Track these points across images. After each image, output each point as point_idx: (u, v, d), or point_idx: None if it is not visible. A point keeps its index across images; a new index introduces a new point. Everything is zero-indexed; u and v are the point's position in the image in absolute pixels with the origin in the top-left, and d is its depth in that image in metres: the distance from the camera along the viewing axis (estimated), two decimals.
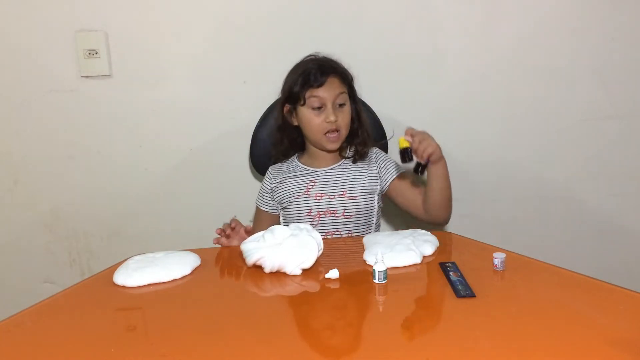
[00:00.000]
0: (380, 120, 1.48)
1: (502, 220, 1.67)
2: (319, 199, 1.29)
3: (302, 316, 0.82)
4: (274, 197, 1.35)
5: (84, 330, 0.79)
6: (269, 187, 1.37)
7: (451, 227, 1.28)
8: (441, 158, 1.14)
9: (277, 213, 1.37)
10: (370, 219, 1.32)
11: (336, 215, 1.28)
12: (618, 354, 0.64)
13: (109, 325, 0.82)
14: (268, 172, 1.39)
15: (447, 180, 1.18)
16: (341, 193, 1.28)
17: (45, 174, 1.59)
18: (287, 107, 1.31)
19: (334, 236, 1.27)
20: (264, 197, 1.38)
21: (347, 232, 1.29)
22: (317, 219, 1.28)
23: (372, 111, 1.48)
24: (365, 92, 1.47)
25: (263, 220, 1.37)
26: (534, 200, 1.66)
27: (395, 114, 1.58)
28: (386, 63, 1.56)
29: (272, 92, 1.40)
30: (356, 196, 1.28)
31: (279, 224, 1.37)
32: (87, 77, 1.53)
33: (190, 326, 0.77)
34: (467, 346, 0.68)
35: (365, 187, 1.30)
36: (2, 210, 1.61)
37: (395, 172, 1.31)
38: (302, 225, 1.03)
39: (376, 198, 1.32)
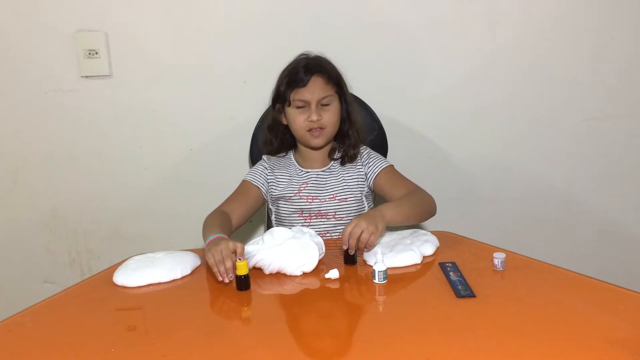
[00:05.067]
0: (381, 120, 1.48)
1: (502, 220, 1.67)
2: (310, 202, 1.28)
3: (302, 316, 0.82)
4: (268, 185, 1.32)
5: (84, 330, 0.79)
6: (264, 169, 1.33)
7: (451, 227, 1.28)
8: (384, 224, 1.05)
9: (263, 196, 1.32)
10: None
11: (327, 217, 1.28)
12: (618, 354, 0.64)
13: (109, 325, 0.82)
14: (263, 159, 1.36)
15: (409, 216, 1.13)
16: (331, 196, 1.28)
17: (45, 174, 1.59)
18: (277, 106, 1.30)
19: (324, 238, 1.26)
20: (259, 175, 1.33)
21: (337, 234, 1.28)
22: (308, 221, 1.28)
23: (373, 112, 1.48)
24: (365, 92, 1.47)
25: (246, 196, 1.30)
26: (534, 200, 1.66)
27: (396, 115, 1.58)
28: (386, 63, 1.56)
29: (272, 92, 1.40)
30: (346, 198, 1.28)
31: (271, 220, 1.37)
32: (87, 77, 1.53)
33: (190, 326, 0.77)
34: (467, 346, 0.68)
35: (354, 189, 1.29)
36: (2, 210, 1.61)
37: (377, 169, 1.29)
38: (305, 229, 1.03)
39: (365, 198, 1.31)
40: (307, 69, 1.23)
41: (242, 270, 0.90)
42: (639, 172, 1.64)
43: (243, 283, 0.90)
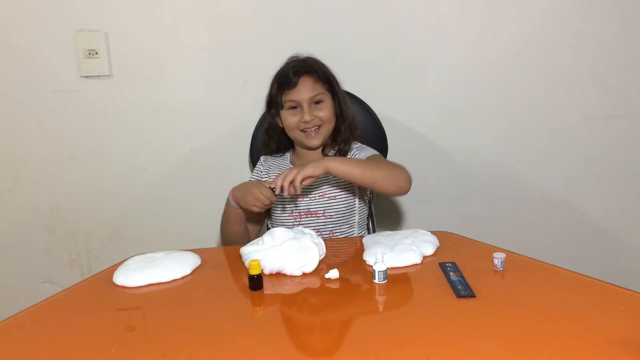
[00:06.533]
0: (381, 120, 1.48)
1: (502, 220, 1.67)
2: (300, 200, 1.29)
3: (302, 316, 0.82)
4: None
5: (84, 330, 0.79)
6: (259, 174, 1.37)
7: (451, 227, 1.28)
8: (323, 169, 1.10)
9: None
10: (352, 218, 1.31)
11: (317, 215, 1.28)
12: (618, 354, 0.64)
13: (109, 325, 0.82)
14: (260, 161, 1.40)
15: (361, 175, 1.13)
16: (321, 194, 1.28)
17: (45, 174, 1.59)
18: (272, 110, 1.32)
19: None
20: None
21: (328, 232, 1.29)
22: (298, 220, 1.29)
23: (372, 111, 1.48)
24: (365, 92, 1.48)
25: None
26: (534, 200, 1.66)
27: (396, 115, 1.58)
28: (387, 63, 1.56)
29: (265, 97, 1.40)
30: (335, 196, 1.28)
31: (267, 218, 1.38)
32: (87, 77, 1.53)
33: (190, 326, 0.77)
34: (467, 346, 0.68)
35: (343, 186, 1.30)
36: (2, 210, 1.61)
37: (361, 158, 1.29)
38: (306, 229, 1.03)
39: (356, 196, 1.31)
40: (295, 71, 1.25)
41: (254, 270, 0.89)
42: (639, 172, 1.64)
43: (256, 283, 0.90)
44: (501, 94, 1.59)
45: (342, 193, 1.29)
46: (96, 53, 1.50)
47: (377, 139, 1.45)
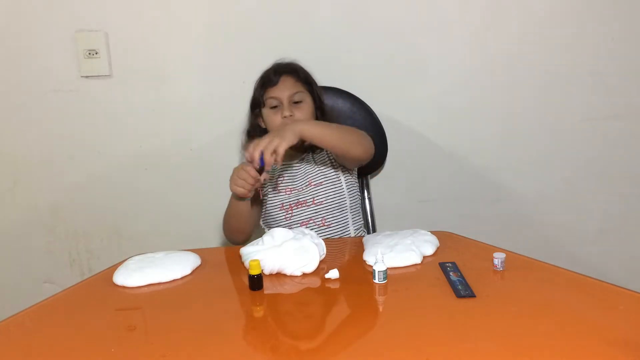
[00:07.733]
0: (381, 120, 1.48)
1: (502, 220, 1.67)
2: (288, 193, 1.31)
3: (301, 316, 0.82)
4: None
5: (84, 330, 0.79)
6: None
7: (451, 227, 1.28)
8: (295, 134, 1.09)
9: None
10: (343, 202, 1.32)
11: (307, 204, 1.30)
12: (618, 354, 0.64)
13: (109, 325, 0.82)
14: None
15: (330, 137, 1.16)
16: (307, 183, 1.31)
17: (45, 174, 1.59)
18: (256, 111, 1.35)
19: (308, 225, 1.29)
20: None
21: (320, 219, 1.30)
22: (290, 212, 1.31)
23: (372, 112, 1.48)
24: (365, 92, 1.48)
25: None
26: (534, 200, 1.66)
27: (396, 115, 1.58)
28: (387, 63, 1.56)
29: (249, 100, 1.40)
30: (321, 182, 1.31)
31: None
32: (87, 77, 1.53)
33: (190, 326, 0.77)
34: (467, 346, 0.68)
35: (327, 171, 1.32)
36: (2, 210, 1.61)
37: None
38: (306, 230, 1.03)
39: (341, 177, 1.33)
40: (276, 71, 1.31)
41: (254, 270, 0.90)
42: (639, 172, 1.64)
43: (256, 283, 0.90)
44: (501, 94, 1.59)
45: (327, 178, 1.31)
46: (96, 53, 1.51)
47: (377, 139, 1.45)
